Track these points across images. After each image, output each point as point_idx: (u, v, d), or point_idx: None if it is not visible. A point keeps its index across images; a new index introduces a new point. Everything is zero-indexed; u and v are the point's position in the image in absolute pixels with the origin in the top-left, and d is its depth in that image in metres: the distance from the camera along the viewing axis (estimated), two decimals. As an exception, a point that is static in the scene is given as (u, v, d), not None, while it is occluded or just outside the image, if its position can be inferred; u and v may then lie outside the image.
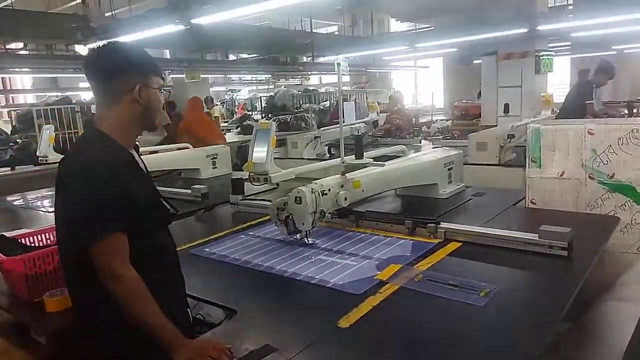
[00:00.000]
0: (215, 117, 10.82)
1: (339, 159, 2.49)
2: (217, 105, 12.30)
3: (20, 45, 8.99)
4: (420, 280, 1.87)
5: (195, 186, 3.51)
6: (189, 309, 1.69)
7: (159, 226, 1.60)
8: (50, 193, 4.20)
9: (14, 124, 9.81)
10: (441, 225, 2.36)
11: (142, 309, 1.36)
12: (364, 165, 2.55)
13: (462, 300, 1.69)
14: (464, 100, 11.70)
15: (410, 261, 2.08)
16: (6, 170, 5.13)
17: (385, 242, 2.38)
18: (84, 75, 1.55)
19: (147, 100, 1.52)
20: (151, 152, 4.47)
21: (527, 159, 2.90)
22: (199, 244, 2.52)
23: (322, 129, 7.34)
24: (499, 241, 2.19)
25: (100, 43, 1.55)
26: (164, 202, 1.66)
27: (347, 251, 2.27)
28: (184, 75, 10.13)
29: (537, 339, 1.44)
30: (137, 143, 1.65)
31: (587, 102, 5.96)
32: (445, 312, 1.65)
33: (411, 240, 2.36)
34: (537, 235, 2.08)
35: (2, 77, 16.39)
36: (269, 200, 2.52)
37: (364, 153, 2.60)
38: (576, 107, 6.05)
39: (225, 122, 12.71)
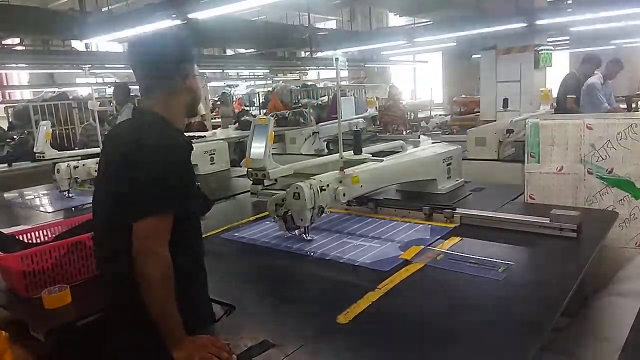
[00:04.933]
0: (201, 115, 10.58)
1: (338, 154, 2.48)
2: (211, 100, 12.13)
3: (17, 40, 8.93)
4: (442, 259, 2.01)
5: None
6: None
7: (200, 214, 1.66)
8: (46, 191, 4.19)
9: (10, 120, 9.77)
10: (457, 211, 2.51)
11: (163, 294, 1.36)
12: (363, 161, 2.54)
13: (483, 275, 1.84)
14: (463, 96, 11.70)
15: (431, 243, 2.23)
16: (3, 167, 5.10)
17: (405, 226, 2.51)
18: (132, 66, 1.57)
19: (196, 88, 1.61)
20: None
21: (525, 154, 2.89)
22: (228, 229, 2.65)
23: (320, 124, 7.32)
24: (512, 224, 2.35)
25: (146, 33, 1.60)
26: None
27: (369, 235, 2.41)
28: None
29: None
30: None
31: (568, 96, 5.87)
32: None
33: (429, 224, 2.50)
34: (548, 218, 2.22)
35: (-2, 73, 16.31)
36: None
37: (363, 148, 2.59)
38: (561, 101, 6.02)
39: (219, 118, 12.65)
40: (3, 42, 8.71)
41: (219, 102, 12.85)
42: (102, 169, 1.60)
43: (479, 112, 9.21)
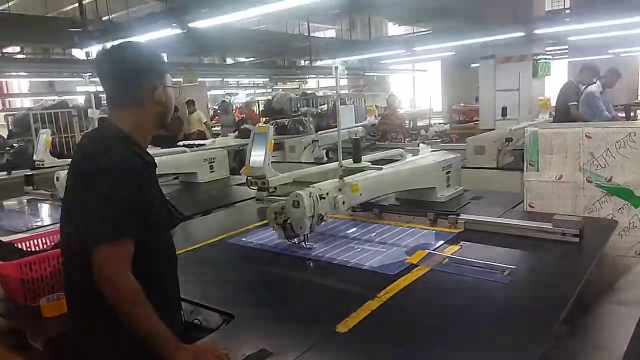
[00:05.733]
0: (204, 122, 10.56)
1: (337, 162, 2.48)
2: (211, 109, 12.00)
3: (17, 49, 8.98)
4: (447, 264, 2.05)
5: None
6: (181, 312, 1.67)
7: (166, 230, 1.60)
8: (45, 198, 4.18)
9: (10, 128, 9.77)
10: (461, 217, 2.54)
11: (135, 315, 1.33)
12: (362, 169, 2.54)
13: (487, 279, 1.87)
14: (462, 104, 11.74)
15: (436, 248, 2.26)
16: (3, 175, 5.11)
17: (409, 232, 2.54)
18: (97, 76, 1.53)
19: (167, 100, 1.55)
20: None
21: (524, 163, 2.90)
22: (235, 234, 2.68)
23: (320, 132, 7.34)
24: (516, 230, 2.38)
25: (113, 44, 1.55)
26: (171, 206, 1.66)
27: (375, 240, 2.45)
28: (181, 79, 10.13)
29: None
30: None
31: (570, 104, 5.86)
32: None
33: (433, 230, 2.54)
34: (551, 224, 2.26)
35: (-1, 81, 16.35)
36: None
37: (362, 157, 2.59)
38: (560, 110, 6.02)
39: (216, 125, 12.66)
40: (3, 51, 8.74)
41: (219, 111, 12.79)
42: (66, 189, 1.52)
43: (478, 120, 9.25)
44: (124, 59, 1.50)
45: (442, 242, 2.34)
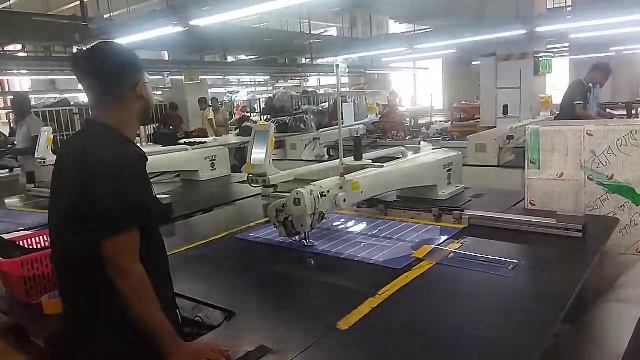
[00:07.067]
0: (209, 119, 10.54)
1: (338, 160, 2.48)
2: (211, 107, 11.83)
3: (19, 47, 8.98)
4: (452, 258, 2.08)
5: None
6: (177, 310, 1.66)
7: (159, 225, 1.62)
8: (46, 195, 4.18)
9: (12, 126, 9.79)
10: (465, 212, 2.59)
11: (144, 307, 1.36)
12: (363, 167, 2.54)
13: (492, 272, 1.91)
14: (463, 102, 11.72)
15: (441, 243, 2.31)
16: (4, 172, 5.12)
17: (415, 227, 2.59)
18: (78, 77, 1.55)
19: (148, 95, 1.58)
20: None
21: (526, 161, 2.90)
22: (242, 230, 2.73)
23: (321, 130, 7.34)
24: (519, 225, 2.41)
25: (92, 44, 1.57)
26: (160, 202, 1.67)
27: (381, 235, 2.49)
28: (182, 77, 10.12)
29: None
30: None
31: (576, 102, 5.82)
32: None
33: (438, 225, 2.59)
34: (554, 219, 2.29)
35: (0, 79, 16.36)
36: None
37: (363, 154, 2.59)
38: (566, 108, 5.98)
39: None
40: (5, 49, 8.74)
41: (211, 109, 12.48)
42: (57, 189, 1.53)
43: (479, 118, 9.24)
44: (108, 58, 1.53)
45: (447, 237, 2.37)
